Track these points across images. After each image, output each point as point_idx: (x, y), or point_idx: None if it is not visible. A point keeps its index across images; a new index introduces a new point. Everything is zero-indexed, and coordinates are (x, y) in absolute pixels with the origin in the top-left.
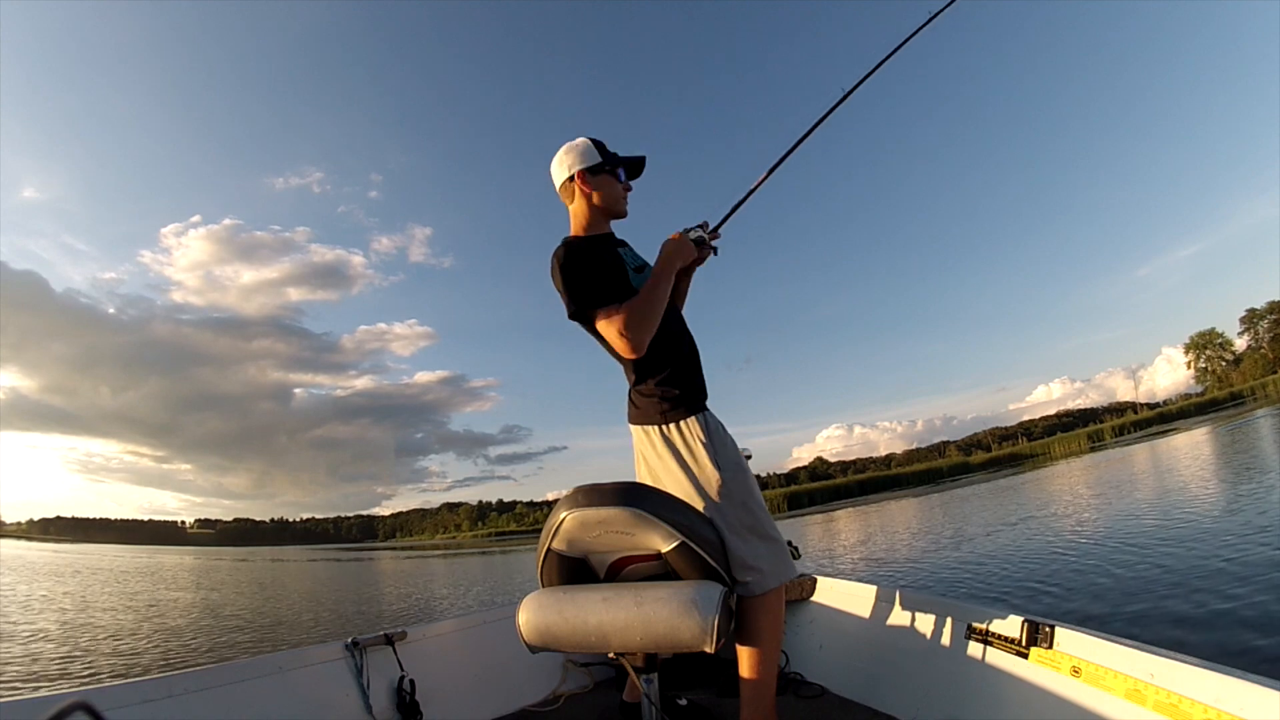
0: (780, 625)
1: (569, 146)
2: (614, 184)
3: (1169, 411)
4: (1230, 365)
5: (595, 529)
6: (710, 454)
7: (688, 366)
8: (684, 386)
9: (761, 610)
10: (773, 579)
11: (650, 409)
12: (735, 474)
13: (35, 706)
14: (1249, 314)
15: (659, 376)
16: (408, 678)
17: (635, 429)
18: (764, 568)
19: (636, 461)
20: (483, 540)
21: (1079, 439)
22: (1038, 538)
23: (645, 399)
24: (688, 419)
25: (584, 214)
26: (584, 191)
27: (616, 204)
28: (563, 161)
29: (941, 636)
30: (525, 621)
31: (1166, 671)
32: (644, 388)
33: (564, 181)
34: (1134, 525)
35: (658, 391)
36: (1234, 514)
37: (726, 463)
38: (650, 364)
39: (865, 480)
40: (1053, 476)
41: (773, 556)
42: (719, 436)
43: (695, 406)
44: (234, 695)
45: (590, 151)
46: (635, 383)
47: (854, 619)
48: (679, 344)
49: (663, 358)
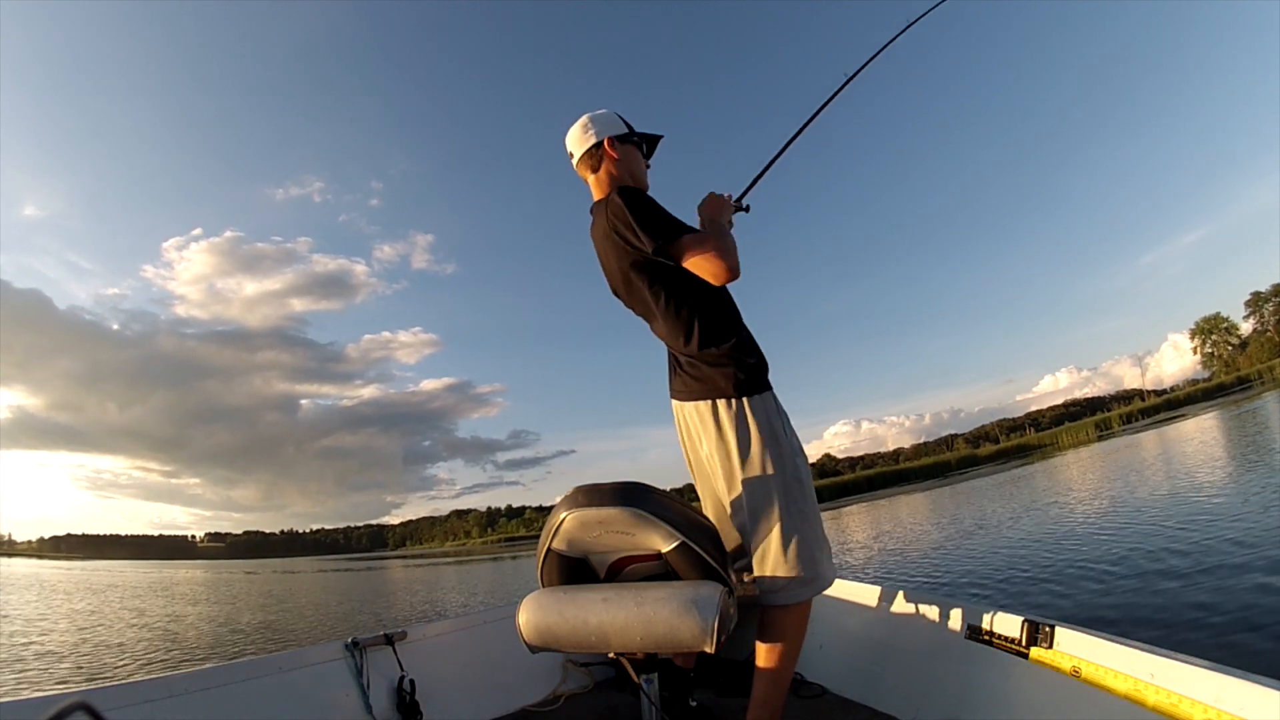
0: (804, 629)
1: (593, 115)
2: (639, 156)
3: (1176, 398)
4: (1236, 349)
5: (595, 529)
6: (785, 435)
7: (752, 336)
8: (758, 356)
9: (798, 613)
10: (815, 586)
11: (719, 380)
12: (798, 468)
13: (35, 706)
14: (1254, 297)
15: (731, 342)
16: (408, 678)
17: (689, 405)
18: (807, 573)
19: (684, 443)
20: (492, 546)
21: (1086, 428)
22: (1040, 535)
23: (711, 369)
24: (764, 393)
25: (614, 179)
26: (611, 158)
27: (643, 176)
28: (588, 128)
29: (942, 636)
30: (525, 621)
31: (1166, 671)
32: (710, 355)
33: (590, 149)
34: (1138, 519)
35: (731, 360)
36: (1240, 505)
37: (795, 447)
38: (716, 330)
39: (873, 476)
40: (1060, 468)
41: (816, 562)
42: (783, 421)
43: (765, 384)
44: (234, 695)
45: (616, 121)
46: (699, 347)
47: (854, 619)
48: (737, 311)
49: (730, 323)
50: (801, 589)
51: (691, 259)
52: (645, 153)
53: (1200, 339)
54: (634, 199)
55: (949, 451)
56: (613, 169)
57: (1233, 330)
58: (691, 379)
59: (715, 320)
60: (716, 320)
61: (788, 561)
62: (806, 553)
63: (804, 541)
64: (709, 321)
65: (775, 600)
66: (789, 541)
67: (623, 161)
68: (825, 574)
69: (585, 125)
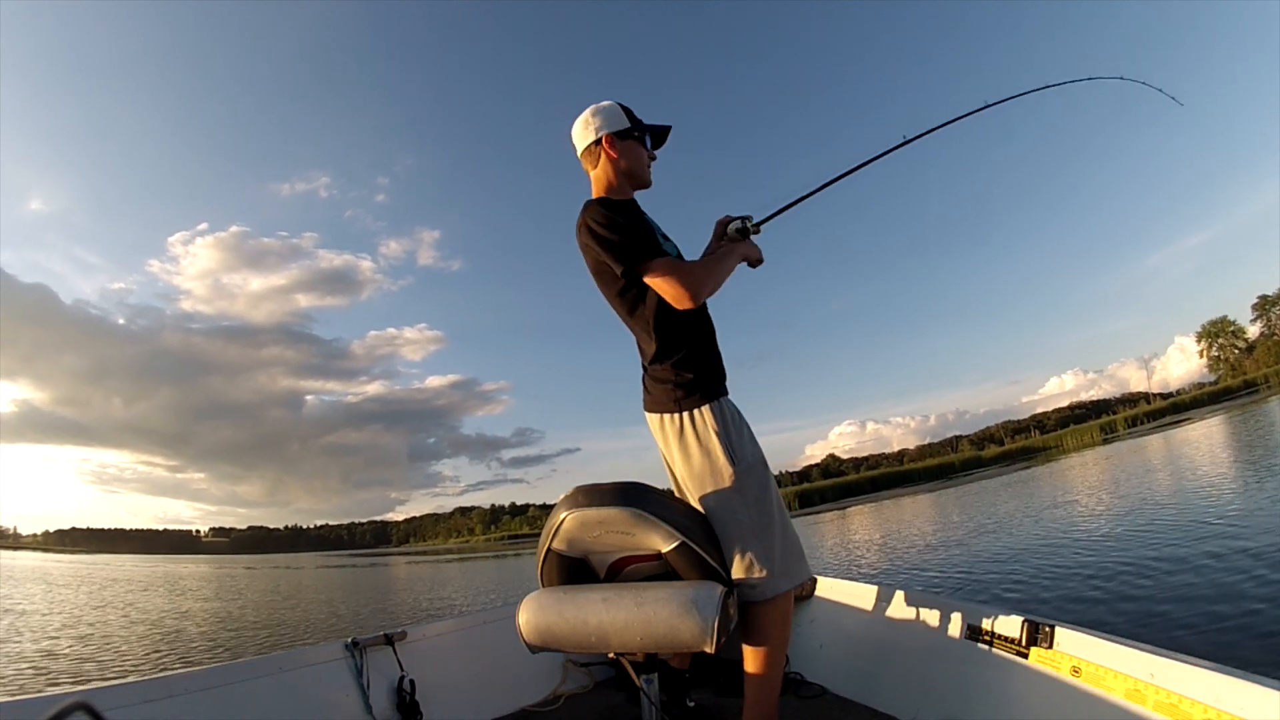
0: (788, 627)
1: (596, 108)
2: (641, 151)
3: (1182, 401)
4: (1243, 353)
5: (595, 529)
6: (725, 445)
7: (705, 348)
8: (700, 370)
9: (770, 610)
10: (784, 581)
11: (664, 395)
12: (752, 467)
13: (35, 706)
14: (1261, 301)
15: (675, 358)
16: (408, 678)
17: (650, 417)
18: (775, 569)
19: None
20: (495, 543)
21: (1092, 431)
22: (1041, 536)
23: (659, 384)
24: (702, 406)
25: (608, 179)
26: (610, 156)
27: (643, 171)
28: (589, 124)
29: (942, 636)
30: (525, 621)
31: (1166, 671)
32: (657, 371)
33: (589, 145)
34: (1139, 521)
35: (672, 376)
36: (1242, 508)
37: (742, 455)
38: (667, 345)
39: (877, 477)
40: (1064, 470)
41: (785, 557)
42: (735, 426)
43: (712, 393)
44: (234, 695)
45: (619, 115)
46: (650, 363)
47: (854, 619)
48: (699, 324)
49: (680, 338)
50: (770, 583)
51: (655, 282)
52: (653, 143)
53: (1207, 342)
54: (608, 214)
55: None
56: (609, 168)
57: (1240, 334)
58: (648, 392)
59: (668, 334)
60: (669, 334)
61: (757, 562)
62: (768, 551)
63: (766, 541)
64: (664, 335)
65: (748, 597)
66: (752, 543)
67: (621, 159)
68: (794, 570)
69: (586, 121)
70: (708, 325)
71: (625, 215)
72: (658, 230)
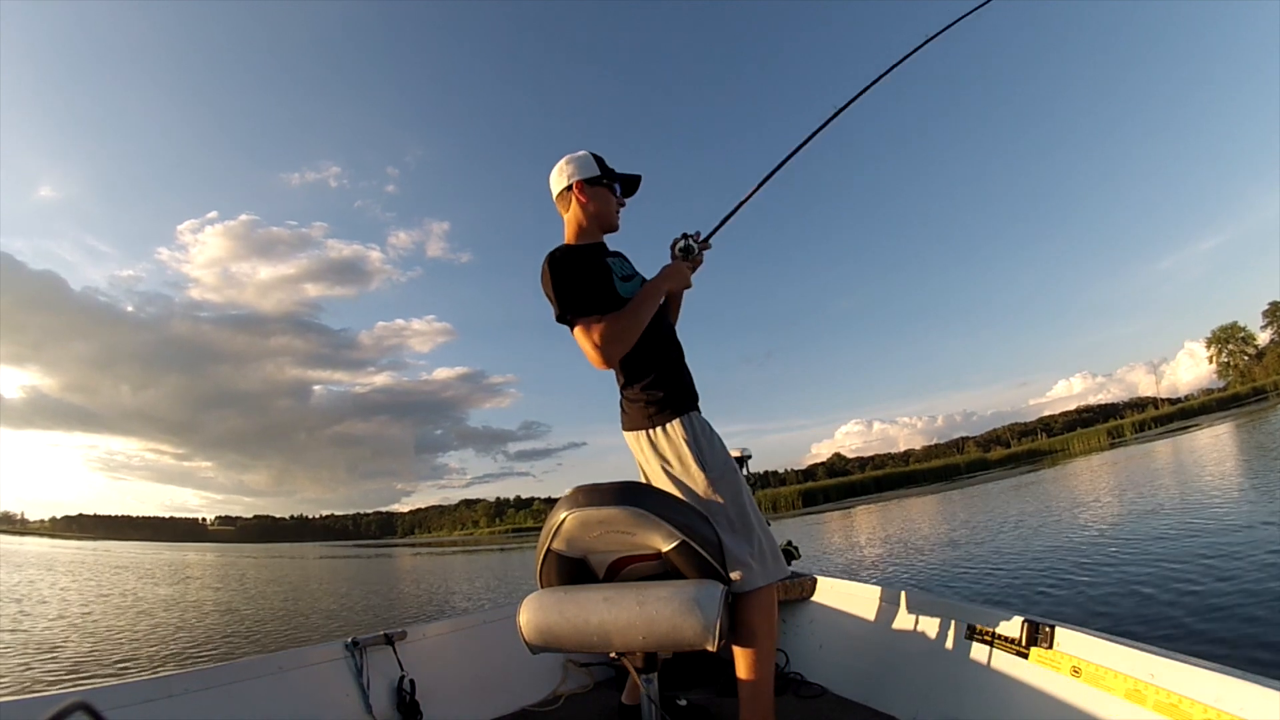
0: (774, 624)
1: (570, 157)
2: (609, 197)
3: (1190, 407)
4: (1253, 359)
5: (596, 529)
6: (696, 455)
7: (672, 369)
8: (668, 389)
9: (754, 608)
10: (761, 577)
11: (637, 415)
12: (723, 473)
13: (35, 706)
14: (1272, 307)
15: (644, 381)
16: (408, 678)
17: (627, 435)
18: (753, 565)
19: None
20: (499, 536)
21: (1099, 435)
22: (1044, 537)
23: (632, 405)
24: (672, 422)
25: (578, 223)
26: (579, 201)
27: (609, 216)
28: (563, 171)
29: (942, 636)
30: (526, 621)
31: (1166, 671)
32: (630, 393)
33: (561, 190)
34: (1142, 525)
35: (643, 396)
36: (1243, 512)
37: (713, 463)
38: (636, 369)
39: (882, 477)
40: (1069, 474)
41: (762, 554)
42: (705, 437)
43: (681, 408)
44: (234, 695)
45: (589, 164)
46: (623, 387)
47: (854, 619)
48: (664, 348)
49: (648, 362)
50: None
51: (578, 337)
52: (624, 191)
53: (1216, 348)
54: (556, 265)
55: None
56: (579, 212)
57: (1250, 340)
58: (624, 413)
59: (636, 362)
60: (637, 362)
61: (743, 558)
62: (751, 547)
63: (749, 538)
64: (631, 364)
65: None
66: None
67: (590, 204)
68: (774, 568)
69: (561, 168)
70: (675, 347)
71: (575, 266)
72: (618, 272)
